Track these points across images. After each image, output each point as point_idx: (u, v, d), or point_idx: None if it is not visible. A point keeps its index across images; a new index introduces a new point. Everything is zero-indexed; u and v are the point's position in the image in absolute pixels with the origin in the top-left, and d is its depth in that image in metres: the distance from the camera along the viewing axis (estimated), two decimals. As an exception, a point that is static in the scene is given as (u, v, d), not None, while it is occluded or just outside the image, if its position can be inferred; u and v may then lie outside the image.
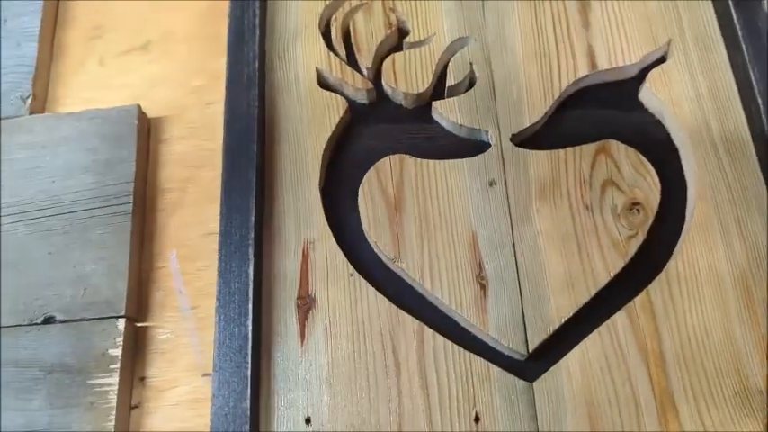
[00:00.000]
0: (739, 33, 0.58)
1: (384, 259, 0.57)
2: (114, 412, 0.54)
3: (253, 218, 0.56)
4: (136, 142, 0.64)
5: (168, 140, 0.67)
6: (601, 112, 0.61)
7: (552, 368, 0.52)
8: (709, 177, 0.56)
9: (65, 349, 0.56)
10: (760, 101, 0.56)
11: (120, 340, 0.56)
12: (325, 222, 0.58)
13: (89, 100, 0.69)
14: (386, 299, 0.55)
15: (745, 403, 0.49)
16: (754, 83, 0.56)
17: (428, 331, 0.54)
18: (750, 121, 0.57)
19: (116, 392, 0.55)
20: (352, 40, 0.65)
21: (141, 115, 0.66)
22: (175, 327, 0.60)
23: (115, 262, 0.60)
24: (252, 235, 0.56)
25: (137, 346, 0.59)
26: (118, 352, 0.56)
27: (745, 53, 0.58)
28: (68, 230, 0.61)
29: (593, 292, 0.54)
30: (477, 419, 0.51)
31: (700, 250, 0.54)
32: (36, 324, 0.58)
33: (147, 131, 0.67)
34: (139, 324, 0.60)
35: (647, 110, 0.61)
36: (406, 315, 0.54)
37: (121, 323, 0.57)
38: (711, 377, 0.50)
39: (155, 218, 0.64)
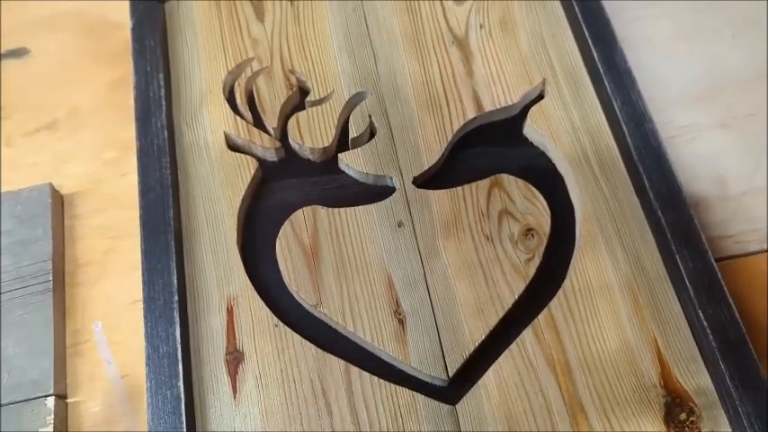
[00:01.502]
0: (600, 69, 0.66)
1: (307, 307, 0.60)
2: (50, 492, 0.54)
3: (175, 281, 0.58)
4: (51, 220, 0.65)
5: (84, 214, 0.69)
6: (492, 149, 0.67)
7: (472, 389, 0.56)
8: (590, 198, 0.63)
9: (-7, 435, 0.56)
10: (624, 127, 0.63)
11: (50, 419, 0.56)
12: (246, 278, 0.61)
13: (-1, 181, 0.69)
14: (312, 344, 0.58)
15: (643, 398, 0.55)
16: (617, 111, 0.64)
17: (354, 370, 0.57)
18: (618, 144, 0.64)
19: (50, 472, 0.54)
20: (257, 103, 0.69)
21: (54, 192, 0.67)
22: (107, 398, 0.60)
23: (38, 341, 0.60)
24: (176, 298, 0.58)
25: (69, 423, 0.59)
26: (49, 430, 0.56)
27: (608, 86, 0.65)
28: (-12, 315, 0.61)
29: (501, 315, 0.58)
30: (407, 447, 0.54)
31: (590, 265, 0.60)
32: (-40, 414, 0.57)
33: (60, 208, 0.68)
34: (69, 400, 0.60)
35: (531, 144, 0.68)
36: (333, 357, 0.57)
37: (50, 401, 0.57)
38: (612, 379, 0.55)
39: (76, 292, 0.65)
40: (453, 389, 0.56)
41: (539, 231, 0.61)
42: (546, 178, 0.65)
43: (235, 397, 0.56)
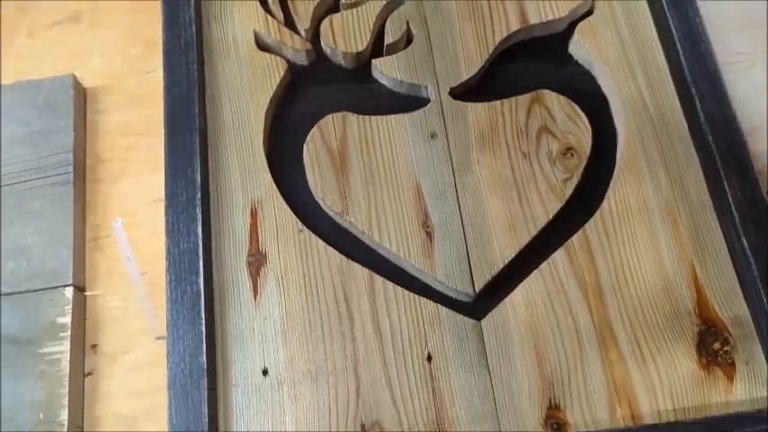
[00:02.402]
0: (657, -19, 0.62)
1: (332, 215, 0.58)
2: (67, 379, 0.53)
3: (198, 178, 0.56)
4: (73, 112, 0.63)
5: (106, 110, 0.66)
6: (534, 65, 0.64)
7: (498, 306, 0.54)
8: (635, 119, 0.59)
9: (11, 321, 0.55)
10: (678, 46, 0.59)
11: (68, 308, 0.56)
12: (272, 181, 0.59)
13: (20, 72, 0.67)
14: (336, 251, 0.56)
15: (676, 326, 0.53)
16: (672, 28, 0.60)
17: (378, 279, 0.55)
18: (671, 65, 0.61)
19: (68, 360, 0.54)
20: (289, 3, 0.65)
21: (77, 84, 0.65)
22: (125, 293, 0.59)
23: (57, 232, 0.59)
24: (199, 195, 0.56)
25: (87, 315, 0.58)
26: (67, 320, 0.55)
27: (663, 1, 0.61)
28: (7, 204, 0.60)
29: (533, 234, 0.56)
30: (429, 359, 0.53)
31: (630, 188, 0.57)
32: (-22, 298, 0.56)
33: (83, 101, 0.65)
34: (88, 293, 0.59)
35: (576, 62, 0.64)
36: (357, 265, 0.56)
37: (69, 291, 0.56)
38: (645, 305, 0.53)
39: (97, 188, 0.63)
40: (479, 305, 0.55)
41: (579, 151, 0.58)
42: (589, 98, 0.62)
43: (255, 298, 0.55)
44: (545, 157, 0.58)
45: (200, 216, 0.55)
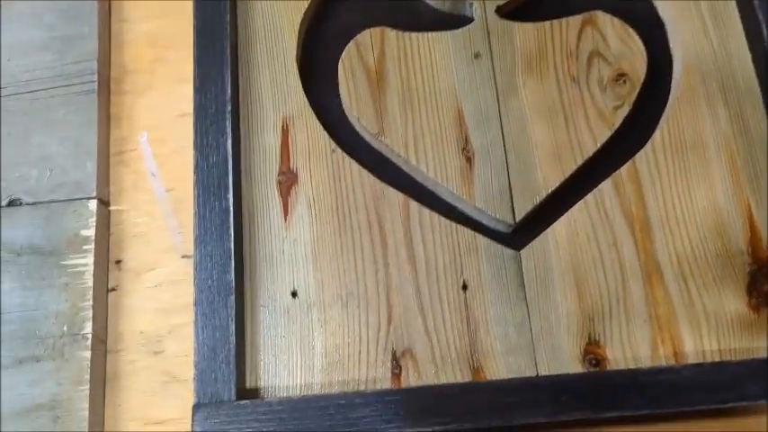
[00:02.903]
0: None
1: (366, 136, 0.56)
2: (91, 293, 0.52)
3: (229, 91, 0.53)
4: (97, 19, 0.60)
5: (132, 19, 0.63)
6: (586, -15, 0.59)
7: (539, 237, 0.51)
8: (695, 48, 0.56)
9: (33, 231, 0.54)
10: (749, -30, 0.55)
11: (92, 221, 0.54)
12: (305, 98, 0.56)
13: (43, -26, 0.64)
14: (370, 174, 0.54)
15: (727, 264, 0.50)
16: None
17: (414, 205, 0.53)
18: (738, -7, 0.56)
19: (91, 273, 0.52)
20: None
21: (101, -11, 0.61)
22: (150, 210, 0.57)
23: (81, 142, 0.56)
24: (228, 108, 0.53)
25: (110, 230, 0.56)
26: (91, 233, 0.54)
27: None
28: (28, 111, 0.57)
29: (579, 163, 0.53)
30: (464, 288, 0.50)
31: (685, 119, 0.54)
32: (0, 207, 0.55)
33: (107, 8, 0.62)
34: (112, 208, 0.57)
35: (633, -16, 0.59)
36: (391, 189, 0.53)
37: (93, 204, 0.55)
38: (695, 241, 0.51)
39: (122, 100, 0.61)
40: (518, 235, 0.52)
41: (632, 77, 0.55)
42: (645, 24, 0.57)
43: (285, 219, 0.53)
44: (595, 83, 0.55)
45: (229, 130, 0.52)
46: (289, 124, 0.55)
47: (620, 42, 0.56)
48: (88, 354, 0.51)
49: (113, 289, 0.55)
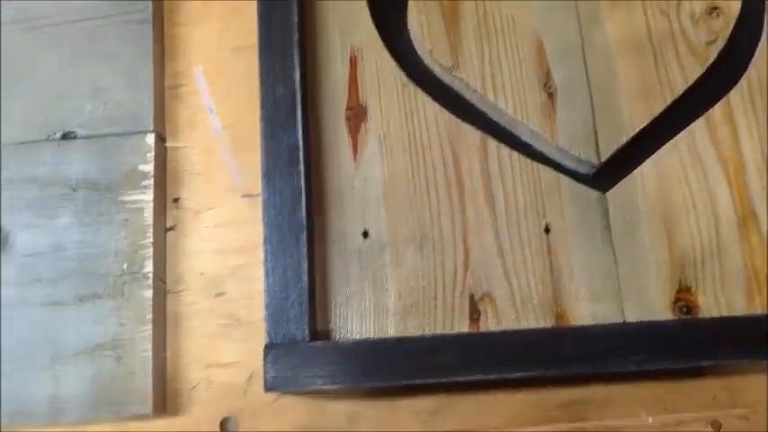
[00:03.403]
0: None
1: (438, 70, 0.52)
2: (151, 230, 0.50)
3: (296, 18, 0.50)
4: (150, -56, 0.56)
5: (184, -54, 0.60)
6: None
7: (626, 178, 0.48)
8: (795, -21, 0.52)
9: (89, 166, 0.51)
10: None
11: (150, 156, 0.51)
12: (374, 28, 0.53)
13: None
14: (445, 110, 0.51)
15: (829, 211, 0.47)
16: None
17: (492, 143, 0.50)
18: None
19: (151, 210, 0.50)
20: None
21: None
22: (208, 146, 0.55)
23: (136, 75, 0.53)
24: (296, 38, 0.50)
25: (168, 167, 0.54)
26: (149, 168, 0.51)
27: None
28: (79, 40, 0.54)
29: (669, 101, 0.50)
30: (547, 230, 0.48)
31: (784, 55, 0.50)
32: (54, 140, 0.52)
33: (161, -66, 0.59)
34: (168, 144, 0.54)
35: None
36: (468, 126, 0.50)
37: (151, 138, 0.52)
38: (793, 185, 0.48)
39: (176, 32, 0.57)
40: (603, 176, 0.49)
41: (725, 11, 0.51)
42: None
43: (355, 157, 0.50)
44: (687, 17, 0.51)
45: (297, 61, 0.49)
46: (357, 55, 0.52)
47: (713, -27, 0.52)
48: (150, 293, 0.48)
49: (171, 228, 0.53)
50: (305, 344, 0.44)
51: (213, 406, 0.49)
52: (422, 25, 0.52)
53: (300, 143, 0.48)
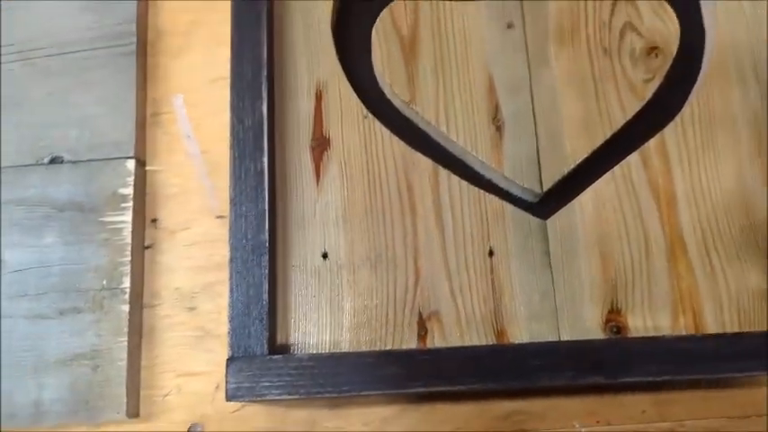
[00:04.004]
0: None
1: (397, 103, 0.56)
2: (129, 249, 0.54)
3: (265, 54, 0.54)
4: (135, -20, 0.61)
5: (168, -18, 0.64)
6: (621, -43, 0.59)
7: (566, 207, 0.52)
8: (729, 23, 0.55)
9: (75, 189, 0.56)
10: (789, -59, 0.54)
11: (130, 180, 0.56)
12: (338, 63, 0.56)
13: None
14: (401, 140, 0.55)
15: (751, 240, 0.51)
16: None
17: (443, 172, 0.54)
18: (776, -36, 0.56)
19: (130, 230, 0.54)
20: None
21: (138, -48, 0.62)
22: (185, 171, 0.59)
23: (119, 104, 0.58)
24: (265, 73, 0.54)
25: (147, 189, 0.58)
26: (129, 191, 0.55)
27: None
28: (69, 71, 0.59)
29: (608, 135, 0.53)
30: (491, 254, 0.52)
31: (715, 94, 0.54)
32: (42, 164, 0.56)
33: (145, -29, 0.63)
34: (149, 168, 0.59)
35: (669, -45, 0.59)
36: (421, 156, 0.54)
37: (131, 164, 0.56)
38: (720, 216, 0.51)
39: (158, 62, 0.62)
40: (545, 204, 0.53)
41: (664, 51, 0.55)
42: (679, -3, 0.57)
43: (317, 183, 0.54)
44: (627, 56, 0.55)
45: (265, 94, 0.54)
46: (322, 89, 0.56)
47: (653, 16, 0.56)
48: (126, 307, 0.53)
49: (149, 247, 0.57)
50: (263, 357, 0.48)
51: (183, 412, 0.53)
52: (382, 59, 0.56)
53: (266, 170, 0.52)
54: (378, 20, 0.57)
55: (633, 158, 0.53)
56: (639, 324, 0.50)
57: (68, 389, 0.51)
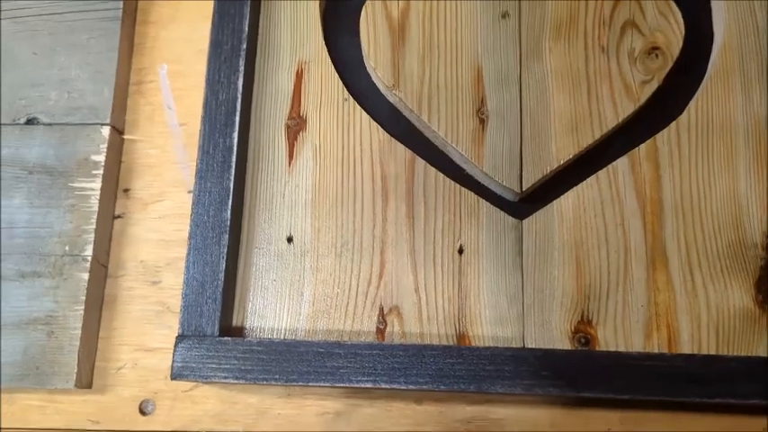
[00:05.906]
0: None
1: (381, 87, 0.54)
2: (95, 217, 0.53)
3: (246, 28, 0.53)
4: (128, -55, 0.59)
5: (162, -51, 0.63)
6: (632, -49, 0.56)
7: (544, 208, 0.50)
8: (738, 27, 0.52)
9: (47, 151, 0.55)
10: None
11: (104, 147, 0.55)
12: (323, 43, 0.55)
13: None
14: (379, 126, 0.53)
15: (738, 256, 0.48)
16: None
17: (420, 162, 0.52)
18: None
19: (98, 198, 0.53)
20: None
21: None
22: (163, 142, 0.58)
23: (102, 68, 0.57)
24: (244, 46, 0.53)
25: (122, 158, 0.57)
26: (101, 158, 0.54)
27: None
28: (54, 32, 0.58)
29: (597, 137, 0.51)
30: (460, 251, 0.49)
31: (716, 101, 0.51)
32: (18, 124, 0.56)
33: (140, -64, 0.62)
34: (126, 137, 0.58)
35: (681, -48, 0.56)
36: (399, 144, 0.52)
37: (106, 131, 0.55)
38: (708, 229, 0.48)
39: (145, 30, 0.61)
40: (523, 204, 0.51)
41: (665, 52, 0.52)
42: (688, -2, 0.54)
43: (290, 164, 0.52)
44: (625, 55, 0.52)
45: (242, 68, 0.52)
46: (304, 69, 0.54)
47: (657, 14, 0.53)
48: (86, 275, 0.52)
49: (119, 216, 0.56)
50: (213, 338, 0.46)
51: (135, 387, 0.52)
52: (369, 42, 0.54)
53: (235, 146, 0.50)
54: (367, 1, 0.55)
55: (620, 162, 0.50)
56: (610, 337, 0.47)
57: (21, 352, 0.50)
